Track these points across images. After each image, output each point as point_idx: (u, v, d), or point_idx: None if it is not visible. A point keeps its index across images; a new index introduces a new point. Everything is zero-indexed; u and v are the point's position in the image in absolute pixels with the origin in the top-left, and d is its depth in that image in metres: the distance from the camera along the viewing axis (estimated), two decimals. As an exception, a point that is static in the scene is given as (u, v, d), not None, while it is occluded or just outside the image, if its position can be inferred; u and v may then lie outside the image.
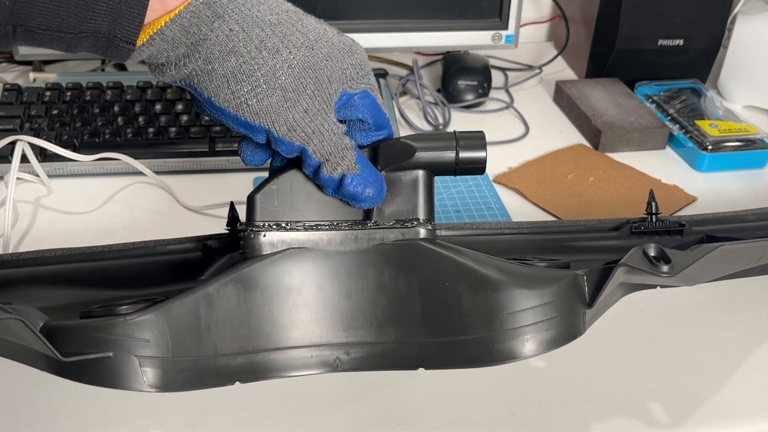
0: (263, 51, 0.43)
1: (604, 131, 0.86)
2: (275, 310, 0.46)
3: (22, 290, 0.53)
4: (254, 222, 0.47)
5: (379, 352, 0.47)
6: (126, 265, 0.55)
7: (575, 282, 0.47)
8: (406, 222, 0.48)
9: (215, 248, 0.55)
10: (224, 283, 0.45)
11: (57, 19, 0.40)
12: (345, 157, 0.46)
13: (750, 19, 0.96)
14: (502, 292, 0.45)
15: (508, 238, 0.60)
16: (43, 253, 0.55)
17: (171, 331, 0.43)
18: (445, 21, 0.92)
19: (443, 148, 0.48)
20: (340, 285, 0.47)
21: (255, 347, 0.46)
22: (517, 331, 0.45)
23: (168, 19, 0.42)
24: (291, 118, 0.44)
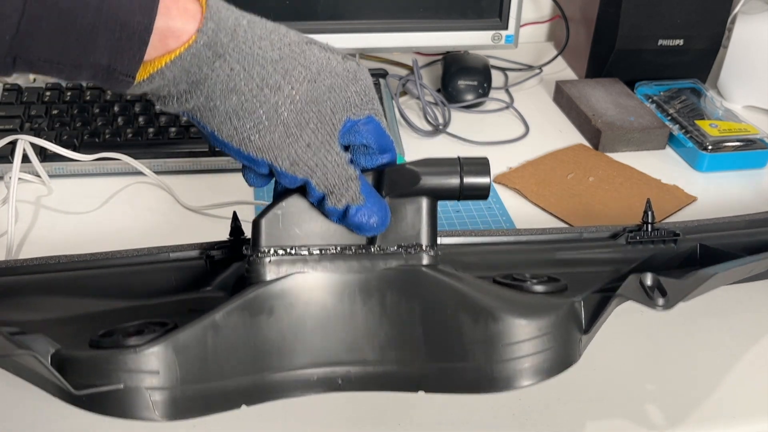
0: (265, 88, 0.43)
1: (604, 131, 0.86)
2: (280, 334, 0.47)
3: (26, 298, 0.53)
4: (260, 247, 0.47)
5: (380, 373, 0.48)
6: (128, 272, 0.55)
7: (572, 310, 0.48)
8: (410, 247, 0.49)
9: (219, 259, 0.55)
10: (231, 310, 0.46)
11: (57, 51, 0.40)
12: (349, 188, 0.46)
13: (750, 19, 0.96)
14: (502, 323, 0.46)
15: (505, 248, 0.61)
16: (47, 260, 0.56)
17: (179, 360, 0.43)
18: (445, 21, 0.92)
19: (447, 174, 0.48)
20: (344, 309, 0.48)
21: (260, 370, 0.47)
22: (515, 361, 0.46)
23: (168, 60, 0.41)
24: (293, 152, 0.45)
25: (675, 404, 0.54)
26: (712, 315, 0.62)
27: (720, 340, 0.60)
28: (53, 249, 0.68)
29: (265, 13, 0.99)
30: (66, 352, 0.43)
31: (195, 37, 0.42)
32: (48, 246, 0.69)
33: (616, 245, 0.60)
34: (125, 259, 0.56)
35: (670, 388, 0.55)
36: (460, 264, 0.56)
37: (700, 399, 0.55)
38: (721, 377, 0.57)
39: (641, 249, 0.60)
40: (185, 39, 0.42)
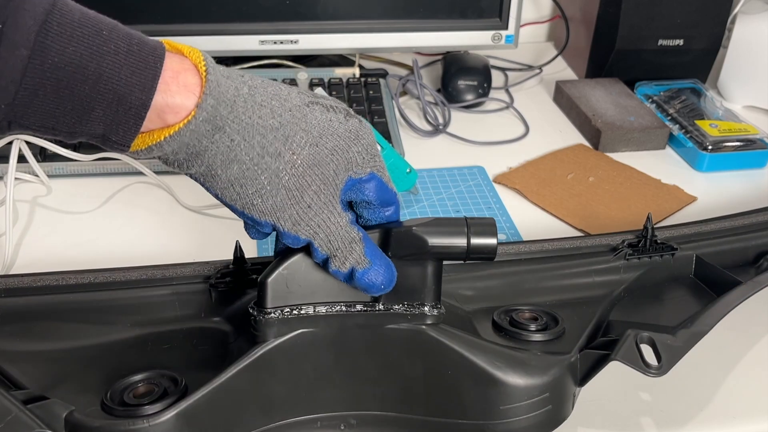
0: (266, 156, 0.43)
1: (604, 131, 0.86)
2: (287, 389, 0.49)
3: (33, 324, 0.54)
4: (265, 308, 0.48)
5: (382, 421, 0.50)
6: (133, 297, 0.56)
7: (570, 366, 0.50)
8: (414, 306, 0.49)
9: (222, 291, 0.56)
10: (238, 372, 0.47)
11: (52, 119, 0.39)
12: (353, 251, 0.46)
13: (750, 19, 0.96)
14: (501, 387, 0.48)
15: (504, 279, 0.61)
16: (49, 280, 0.56)
17: (191, 427, 0.45)
18: (445, 21, 0.92)
19: (454, 235, 0.48)
20: (348, 365, 0.49)
21: (267, 422, 0.49)
22: (513, 422, 0.48)
23: (167, 134, 0.41)
24: (295, 213, 0.45)
25: (675, 404, 0.54)
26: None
27: (720, 339, 0.60)
28: (52, 249, 0.69)
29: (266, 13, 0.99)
30: (78, 416, 0.44)
31: (194, 113, 0.41)
32: (47, 246, 0.69)
33: (615, 261, 0.62)
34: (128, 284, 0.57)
35: (670, 387, 0.55)
36: (461, 297, 0.58)
37: (700, 399, 0.55)
38: (721, 377, 0.57)
39: (638, 263, 0.62)
40: (184, 115, 0.41)
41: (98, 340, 0.54)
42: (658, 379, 0.56)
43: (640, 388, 0.55)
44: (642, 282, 0.61)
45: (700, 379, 0.56)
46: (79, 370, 0.50)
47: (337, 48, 0.92)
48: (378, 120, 0.86)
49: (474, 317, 0.55)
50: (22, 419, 0.42)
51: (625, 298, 0.60)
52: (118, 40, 0.39)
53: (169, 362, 0.51)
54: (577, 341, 0.52)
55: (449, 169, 0.83)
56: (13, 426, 0.42)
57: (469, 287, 0.59)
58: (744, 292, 0.57)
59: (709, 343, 0.59)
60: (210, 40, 0.86)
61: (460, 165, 0.84)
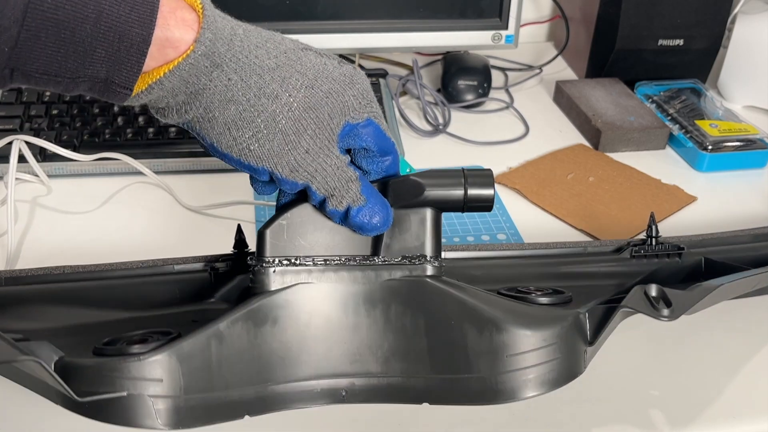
0: (262, 98, 0.44)
1: (604, 131, 0.86)
2: (284, 345, 0.47)
3: (31, 308, 0.53)
4: (264, 257, 0.47)
5: (385, 385, 0.49)
6: (133, 284, 0.56)
7: (577, 321, 0.48)
8: (414, 258, 0.49)
9: (223, 271, 0.56)
10: (235, 320, 0.46)
11: (55, 64, 0.40)
12: (350, 189, 0.46)
13: (750, 19, 0.96)
14: (507, 333, 0.46)
15: (509, 262, 0.61)
16: (51, 270, 0.56)
17: (183, 369, 0.44)
18: (445, 21, 0.92)
19: (452, 185, 0.48)
20: (348, 319, 0.48)
21: (264, 381, 0.47)
22: (520, 372, 0.47)
23: (167, 70, 0.42)
24: (293, 159, 0.45)
25: (675, 404, 0.54)
26: (713, 316, 0.62)
27: (720, 340, 0.60)
28: (53, 249, 0.69)
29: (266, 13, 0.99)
30: (70, 359, 0.43)
31: (193, 46, 0.42)
32: (47, 246, 0.69)
33: (620, 259, 0.60)
34: (129, 271, 0.56)
35: (670, 388, 0.55)
36: (465, 277, 0.57)
37: (700, 399, 0.55)
38: (722, 377, 0.57)
39: (645, 263, 0.60)
40: (183, 49, 0.42)
41: (96, 321, 0.53)
42: (660, 380, 0.56)
43: (640, 389, 0.55)
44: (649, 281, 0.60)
45: (700, 379, 0.56)
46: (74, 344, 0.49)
47: (337, 48, 0.92)
48: (378, 120, 0.86)
49: None
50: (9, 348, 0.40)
51: None
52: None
53: None
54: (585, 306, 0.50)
55: (449, 169, 0.83)
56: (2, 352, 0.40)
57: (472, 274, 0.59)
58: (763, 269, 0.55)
59: (710, 343, 0.60)
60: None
61: (460, 165, 0.83)
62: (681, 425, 0.53)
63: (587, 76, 1.02)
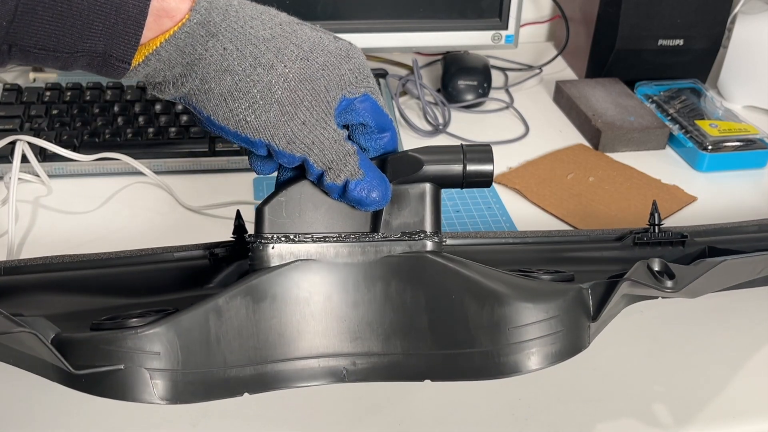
0: (258, 68, 0.44)
1: (604, 131, 0.86)
2: (283, 321, 0.47)
3: (30, 297, 0.53)
4: (263, 234, 0.47)
5: (386, 363, 0.48)
6: (132, 272, 0.55)
7: (580, 296, 0.48)
8: (413, 234, 0.48)
9: (222, 256, 0.55)
10: (233, 295, 0.45)
11: (53, 39, 0.40)
12: (347, 163, 0.46)
13: (750, 19, 0.96)
14: (508, 306, 0.46)
15: (511, 248, 0.61)
16: (50, 259, 0.56)
17: (181, 343, 0.43)
18: (445, 21, 0.92)
19: (450, 161, 0.48)
20: (348, 296, 0.48)
21: (263, 358, 0.46)
22: (523, 345, 0.46)
23: (163, 39, 0.42)
24: (290, 131, 0.45)
25: (675, 404, 0.54)
26: (714, 315, 0.62)
27: (721, 340, 0.60)
28: (53, 249, 0.68)
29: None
30: (66, 334, 0.42)
31: (188, 15, 0.42)
32: (48, 246, 0.69)
33: (622, 247, 0.60)
34: (129, 259, 0.56)
35: (670, 388, 0.55)
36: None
37: (701, 399, 0.55)
38: (722, 377, 0.57)
39: (648, 251, 0.60)
40: (179, 18, 0.42)
41: (95, 307, 0.53)
42: (660, 379, 0.56)
43: (640, 389, 0.55)
44: None
45: (700, 379, 0.56)
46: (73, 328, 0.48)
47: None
48: (378, 120, 0.86)
49: None
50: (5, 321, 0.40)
51: None
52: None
53: None
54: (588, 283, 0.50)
55: (449, 169, 0.83)
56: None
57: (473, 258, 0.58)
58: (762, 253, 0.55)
59: (711, 343, 0.60)
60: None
61: (460, 165, 0.84)
62: (681, 425, 0.53)
63: (587, 76, 1.02)
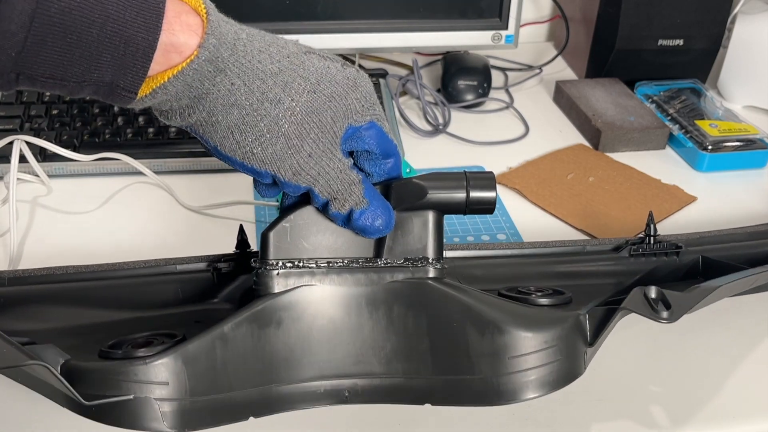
0: (265, 102, 0.44)
1: (604, 131, 0.86)
2: (288, 346, 0.48)
3: (35, 308, 0.54)
4: (268, 260, 0.47)
5: (387, 385, 0.49)
6: (136, 284, 0.56)
7: (577, 323, 0.49)
8: (416, 261, 0.49)
9: (226, 272, 0.56)
10: (239, 322, 0.46)
11: (61, 68, 0.40)
12: (352, 193, 0.47)
13: (750, 19, 0.96)
14: (508, 335, 0.47)
15: (510, 261, 0.61)
16: (54, 270, 0.56)
17: (188, 372, 0.44)
18: (445, 21, 0.92)
19: (454, 188, 0.49)
20: (351, 321, 0.49)
21: (268, 382, 0.47)
22: (521, 374, 0.47)
23: (171, 75, 0.42)
24: (295, 163, 0.45)
25: (675, 404, 0.54)
26: (713, 316, 0.62)
27: (720, 340, 0.60)
28: (53, 249, 0.69)
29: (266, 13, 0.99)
30: (76, 362, 0.43)
31: (197, 52, 0.42)
32: (48, 246, 0.69)
33: (618, 258, 0.61)
34: (132, 271, 0.57)
35: (670, 388, 0.55)
36: (465, 277, 0.57)
37: (700, 399, 0.55)
38: (722, 377, 0.57)
39: (644, 261, 0.61)
40: (188, 54, 0.42)
41: (98, 320, 0.53)
42: (659, 380, 0.56)
43: (641, 390, 0.55)
44: (648, 281, 0.60)
45: (700, 379, 0.56)
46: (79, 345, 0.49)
47: (337, 48, 0.92)
48: (378, 120, 0.86)
49: None
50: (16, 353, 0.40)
51: None
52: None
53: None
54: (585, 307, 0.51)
55: (449, 169, 0.83)
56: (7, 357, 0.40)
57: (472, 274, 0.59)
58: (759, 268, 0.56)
59: (710, 343, 0.60)
60: (210, 40, 0.86)
61: (460, 165, 0.84)
62: (681, 425, 0.53)
63: (587, 76, 1.02)
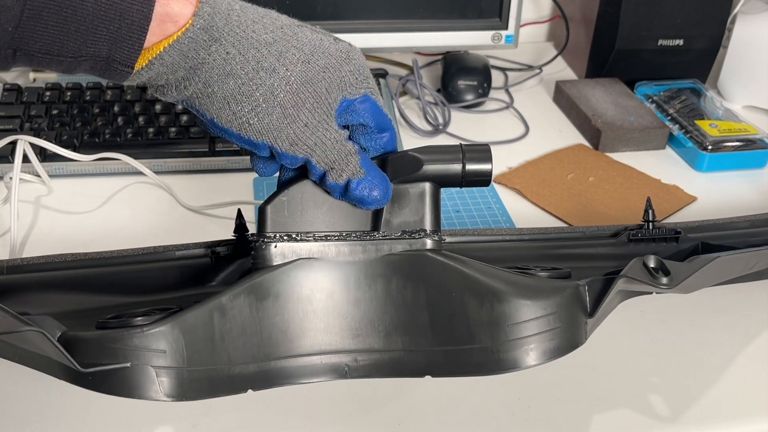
0: (260, 71, 0.44)
1: (604, 131, 0.86)
2: (286, 319, 0.48)
3: (33, 295, 0.54)
4: (265, 233, 0.48)
5: (387, 359, 0.49)
6: (135, 270, 0.56)
7: (577, 292, 0.49)
8: (413, 233, 0.49)
9: (224, 255, 0.56)
10: (237, 293, 0.46)
11: (57, 43, 0.40)
12: (349, 162, 0.47)
13: (750, 19, 0.96)
14: (507, 303, 0.47)
15: (509, 245, 0.62)
16: (52, 258, 0.56)
17: (186, 341, 0.44)
18: (445, 21, 0.92)
19: (450, 160, 0.49)
20: (349, 294, 0.49)
21: (267, 355, 0.47)
22: (521, 341, 0.47)
23: (166, 44, 0.42)
24: (292, 133, 0.45)
25: (675, 404, 0.54)
26: (712, 314, 0.62)
27: (720, 339, 0.60)
28: (54, 249, 0.68)
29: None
30: (72, 333, 0.43)
31: (192, 20, 0.42)
32: (48, 246, 0.69)
33: (617, 243, 0.61)
34: (131, 258, 0.56)
35: (670, 388, 0.55)
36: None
37: (700, 399, 0.55)
38: (721, 377, 0.57)
39: (643, 247, 0.61)
40: (183, 23, 0.42)
41: (98, 306, 0.53)
42: (658, 380, 0.56)
43: (640, 389, 0.55)
44: None
45: (700, 379, 0.56)
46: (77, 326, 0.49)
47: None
48: (378, 120, 0.86)
49: None
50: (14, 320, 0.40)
51: None
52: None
53: None
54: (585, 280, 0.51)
55: (449, 169, 0.83)
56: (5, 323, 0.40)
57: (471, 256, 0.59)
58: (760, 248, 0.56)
59: (710, 343, 0.60)
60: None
61: (460, 165, 0.84)
62: (680, 426, 0.53)
63: (587, 76, 1.02)
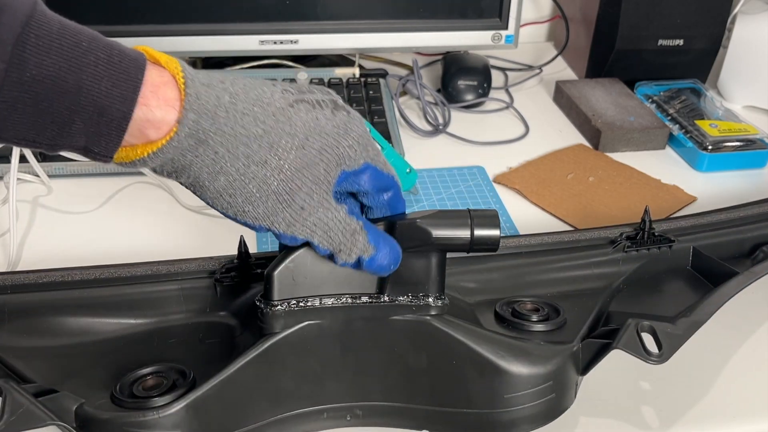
0: (251, 165, 0.43)
1: (604, 131, 0.86)
2: (293, 381, 0.49)
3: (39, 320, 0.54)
4: (272, 301, 0.48)
5: (387, 412, 0.51)
6: (140, 293, 0.57)
7: (572, 355, 0.51)
8: (419, 298, 0.50)
9: (227, 285, 0.57)
10: (246, 364, 0.47)
11: (32, 132, 0.39)
12: (357, 241, 0.46)
13: (750, 19, 0.96)
14: (505, 376, 0.49)
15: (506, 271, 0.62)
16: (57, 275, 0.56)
17: (200, 419, 0.45)
18: (445, 21, 0.92)
19: (458, 227, 0.49)
20: (354, 356, 0.50)
21: (274, 414, 0.49)
22: (517, 410, 0.49)
23: (150, 151, 0.41)
24: (288, 216, 0.44)
25: (673, 404, 0.54)
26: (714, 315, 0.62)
27: (719, 339, 0.60)
28: (54, 249, 0.69)
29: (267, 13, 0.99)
30: (89, 409, 0.44)
31: (176, 129, 0.41)
32: (49, 246, 0.69)
33: (614, 253, 0.62)
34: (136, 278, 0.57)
35: (669, 388, 0.55)
36: (463, 290, 0.58)
37: (699, 399, 0.55)
38: (720, 377, 0.57)
39: (636, 256, 0.62)
40: (166, 130, 0.41)
41: (104, 336, 0.54)
42: (658, 378, 0.56)
43: (638, 388, 0.55)
44: (640, 274, 0.62)
45: (698, 379, 0.56)
46: (87, 365, 0.51)
47: (337, 48, 0.92)
48: (378, 120, 0.86)
49: (477, 309, 0.56)
50: (34, 412, 0.42)
51: (624, 289, 0.61)
52: (98, 51, 0.39)
53: (175, 356, 0.51)
54: (579, 331, 0.52)
55: (449, 169, 0.83)
56: (25, 418, 0.42)
57: (471, 279, 0.60)
58: (741, 282, 0.58)
59: (708, 342, 0.60)
60: (210, 40, 0.86)
61: (460, 165, 0.84)
62: (680, 425, 0.53)
63: (587, 76, 1.02)
